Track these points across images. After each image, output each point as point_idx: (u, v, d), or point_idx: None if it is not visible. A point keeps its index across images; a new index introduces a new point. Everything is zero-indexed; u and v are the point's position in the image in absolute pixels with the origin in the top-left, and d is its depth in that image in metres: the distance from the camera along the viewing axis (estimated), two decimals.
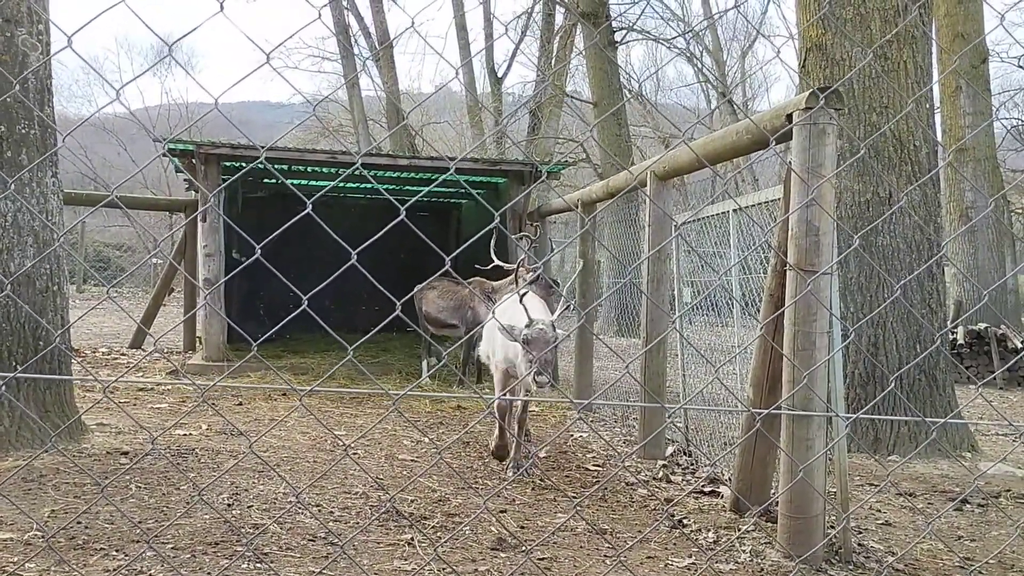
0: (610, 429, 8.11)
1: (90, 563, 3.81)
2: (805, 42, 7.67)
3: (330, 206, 14.43)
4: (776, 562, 4.29)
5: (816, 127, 4.28)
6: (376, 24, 26.03)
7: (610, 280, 15.32)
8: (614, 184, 8.11)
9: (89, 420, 6.73)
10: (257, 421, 7.53)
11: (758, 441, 4.85)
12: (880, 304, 7.25)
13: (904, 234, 7.34)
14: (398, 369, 11.08)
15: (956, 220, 14.70)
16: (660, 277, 6.85)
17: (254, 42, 2.27)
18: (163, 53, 2.08)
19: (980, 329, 12.71)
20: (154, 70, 37.37)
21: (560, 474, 6.16)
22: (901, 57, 7.37)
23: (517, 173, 11.86)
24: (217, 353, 10.60)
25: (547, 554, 4.32)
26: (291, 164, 12.16)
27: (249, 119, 37.51)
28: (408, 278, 8.73)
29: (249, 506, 4.86)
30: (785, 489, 4.35)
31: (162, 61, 29.93)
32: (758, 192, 5.84)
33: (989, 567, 4.40)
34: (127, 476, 5.29)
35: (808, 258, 4.27)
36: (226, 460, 5.95)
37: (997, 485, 6.31)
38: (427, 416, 8.15)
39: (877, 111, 7.33)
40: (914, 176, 7.32)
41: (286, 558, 4.03)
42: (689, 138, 8.05)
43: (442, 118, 30.18)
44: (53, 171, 6.25)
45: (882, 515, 5.38)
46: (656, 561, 4.28)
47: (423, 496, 5.25)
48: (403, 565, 4.03)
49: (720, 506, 5.32)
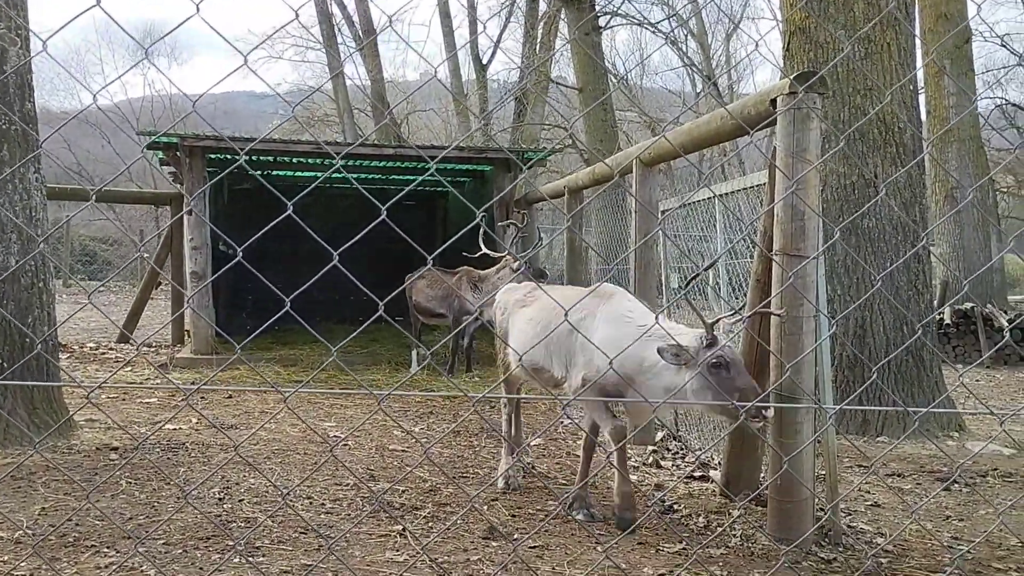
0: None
1: (81, 560, 3.81)
2: (789, 25, 7.67)
3: (316, 197, 14.38)
4: (766, 546, 4.31)
5: (800, 112, 4.28)
6: (359, 12, 25.89)
7: (598, 266, 15.34)
8: (600, 171, 8.11)
9: (78, 416, 6.71)
10: (247, 414, 7.52)
11: (747, 428, 4.87)
12: (867, 286, 7.27)
13: (890, 216, 7.36)
14: (388, 359, 11.05)
15: (942, 201, 14.76)
16: (647, 263, 6.86)
17: (231, 43, 2.26)
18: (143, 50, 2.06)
19: (966, 309, 12.78)
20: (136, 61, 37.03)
21: (551, 461, 6.17)
22: (885, 39, 7.37)
23: (503, 161, 11.84)
24: (206, 346, 10.57)
25: (538, 542, 4.33)
26: (276, 156, 12.11)
27: (234, 109, 37.30)
28: (399, 268, 8.74)
29: (240, 500, 4.86)
30: (775, 473, 4.37)
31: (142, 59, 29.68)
32: (744, 177, 5.85)
33: (977, 547, 4.44)
34: (117, 472, 5.29)
35: (794, 243, 4.28)
36: (217, 454, 5.94)
37: (984, 464, 6.36)
38: (417, 406, 8.15)
39: (861, 93, 7.34)
40: (899, 158, 7.34)
41: (278, 551, 4.03)
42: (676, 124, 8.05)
43: (428, 106, 30.04)
44: (36, 167, 6.21)
45: (871, 497, 5.41)
46: (647, 547, 4.30)
47: (414, 487, 5.25)
48: (395, 556, 4.04)
49: (710, 491, 5.35)
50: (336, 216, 13.20)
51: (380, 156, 12.19)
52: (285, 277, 2.73)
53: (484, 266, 9.94)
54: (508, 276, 9.46)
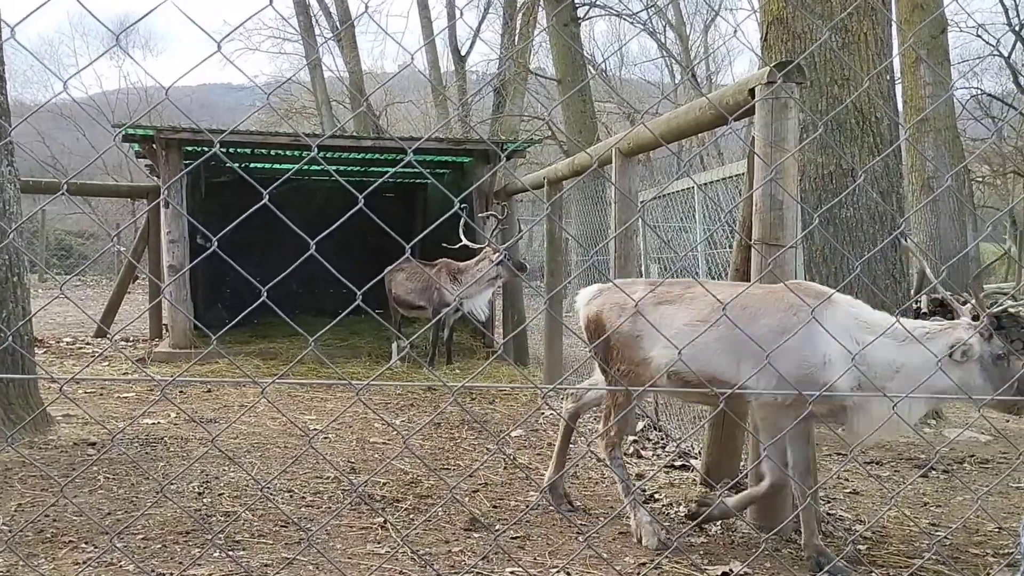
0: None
1: (59, 556, 3.78)
2: (766, 16, 7.68)
3: (295, 189, 14.29)
4: (746, 534, 4.34)
5: (778, 101, 4.29)
6: (336, 3, 25.75)
7: (578, 257, 15.34)
8: (579, 161, 8.10)
9: (55, 411, 6.64)
10: (226, 408, 7.48)
11: (727, 415, 4.89)
12: (844, 276, 7.31)
13: (867, 205, 7.40)
14: (367, 352, 11.02)
15: (918, 190, 14.85)
16: (627, 254, 6.86)
17: (205, 31, 2.24)
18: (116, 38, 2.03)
19: (943, 297, 12.88)
20: (111, 54, 36.66)
21: (531, 452, 6.18)
22: (861, 29, 7.40)
23: (482, 152, 11.80)
24: (184, 340, 10.49)
25: (520, 533, 4.33)
26: (254, 148, 12.02)
27: (210, 102, 36.99)
28: (377, 260, 8.68)
29: (220, 494, 4.83)
30: (755, 462, 4.39)
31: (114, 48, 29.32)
32: (723, 167, 5.86)
33: (954, 532, 4.48)
34: (95, 467, 5.24)
35: (772, 232, 4.30)
36: (195, 448, 5.90)
37: (961, 451, 6.42)
38: (398, 398, 8.13)
39: (839, 83, 7.37)
40: (876, 147, 7.38)
41: (258, 545, 4.01)
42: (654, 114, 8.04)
43: (406, 97, 29.90)
44: (8, 160, 6.13)
45: (850, 484, 5.45)
46: (628, 536, 4.31)
47: (395, 479, 5.24)
48: (376, 548, 4.03)
49: (691, 480, 5.37)
50: (314, 209, 13.12)
51: (359, 148, 12.13)
52: (263, 270, 2.71)
53: (463, 258, 9.92)
54: (487, 268, 9.45)
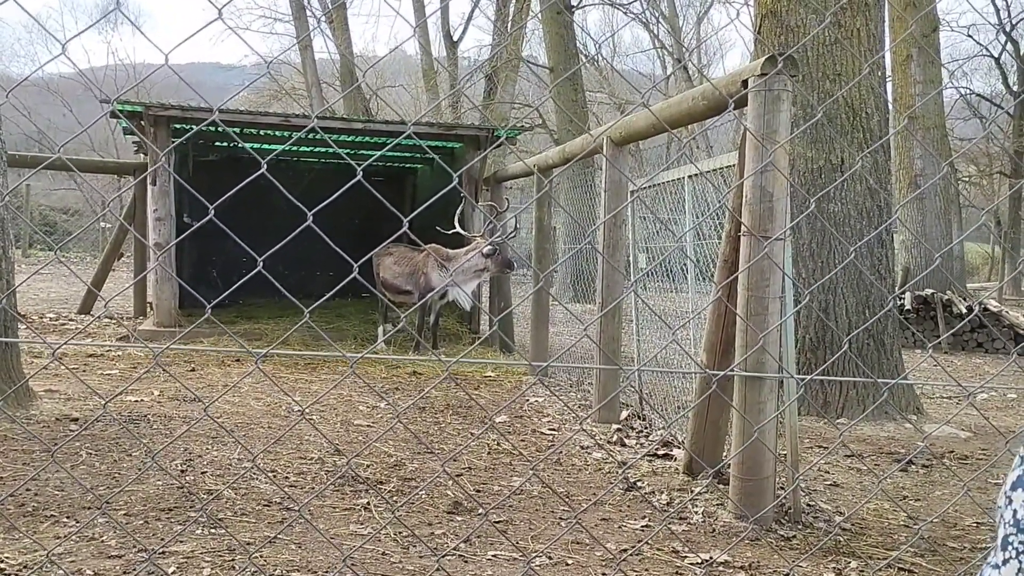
0: (565, 394, 8.17)
1: (40, 530, 3.76)
2: (760, 9, 7.69)
3: (283, 170, 14.21)
4: (728, 523, 4.37)
5: (771, 93, 4.30)
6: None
7: (566, 246, 15.36)
8: (570, 149, 8.09)
9: (38, 387, 6.62)
10: (211, 387, 7.46)
11: (711, 404, 4.92)
12: (831, 270, 7.35)
13: (855, 200, 7.44)
14: (353, 335, 11.00)
15: (905, 187, 14.93)
16: (616, 243, 6.87)
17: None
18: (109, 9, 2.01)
19: (927, 295, 12.98)
20: (99, 28, 36.34)
21: (516, 438, 6.19)
22: (854, 24, 7.42)
23: (473, 138, 11.77)
24: (168, 318, 10.43)
25: (503, 517, 4.35)
26: (243, 127, 11.94)
27: (200, 81, 36.65)
28: (362, 244, 8.64)
29: (203, 472, 4.82)
30: (737, 451, 4.42)
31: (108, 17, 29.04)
32: (713, 158, 5.87)
33: (933, 526, 4.53)
34: (77, 443, 5.22)
35: (762, 224, 4.31)
36: (179, 426, 5.88)
37: (941, 447, 6.48)
38: (383, 382, 8.13)
39: (831, 78, 7.39)
40: (866, 143, 7.41)
41: (241, 523, 4.01)
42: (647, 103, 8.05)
43: (397, 82, 29.79)
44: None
45: (831, 476, 5.49)
46: (611, 523, 4.34)
47: (379, 461, 5.25)
48: (359, 529, 4.04)
49: (674, 468, 5.39)
50: (302, 189, 13.06)
51: (349, 130, 12.08)
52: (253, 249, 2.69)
53: (454, 246, 9.91)
54: (476, 258, 9.44)
